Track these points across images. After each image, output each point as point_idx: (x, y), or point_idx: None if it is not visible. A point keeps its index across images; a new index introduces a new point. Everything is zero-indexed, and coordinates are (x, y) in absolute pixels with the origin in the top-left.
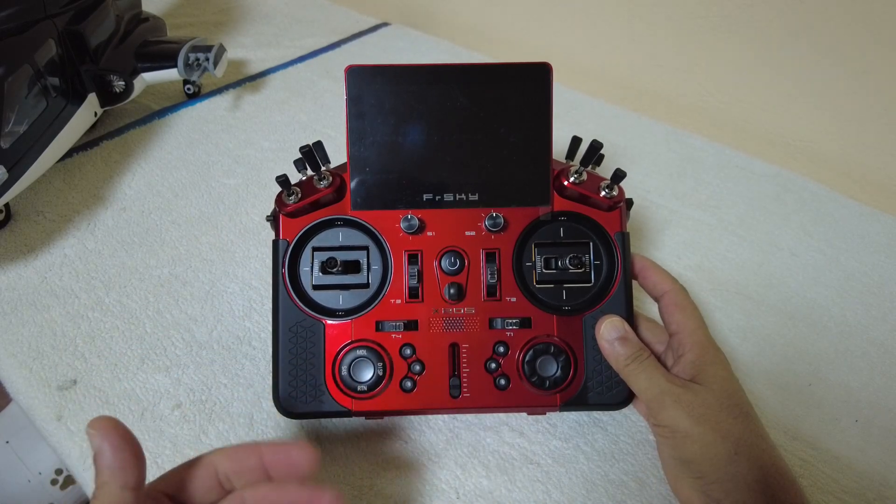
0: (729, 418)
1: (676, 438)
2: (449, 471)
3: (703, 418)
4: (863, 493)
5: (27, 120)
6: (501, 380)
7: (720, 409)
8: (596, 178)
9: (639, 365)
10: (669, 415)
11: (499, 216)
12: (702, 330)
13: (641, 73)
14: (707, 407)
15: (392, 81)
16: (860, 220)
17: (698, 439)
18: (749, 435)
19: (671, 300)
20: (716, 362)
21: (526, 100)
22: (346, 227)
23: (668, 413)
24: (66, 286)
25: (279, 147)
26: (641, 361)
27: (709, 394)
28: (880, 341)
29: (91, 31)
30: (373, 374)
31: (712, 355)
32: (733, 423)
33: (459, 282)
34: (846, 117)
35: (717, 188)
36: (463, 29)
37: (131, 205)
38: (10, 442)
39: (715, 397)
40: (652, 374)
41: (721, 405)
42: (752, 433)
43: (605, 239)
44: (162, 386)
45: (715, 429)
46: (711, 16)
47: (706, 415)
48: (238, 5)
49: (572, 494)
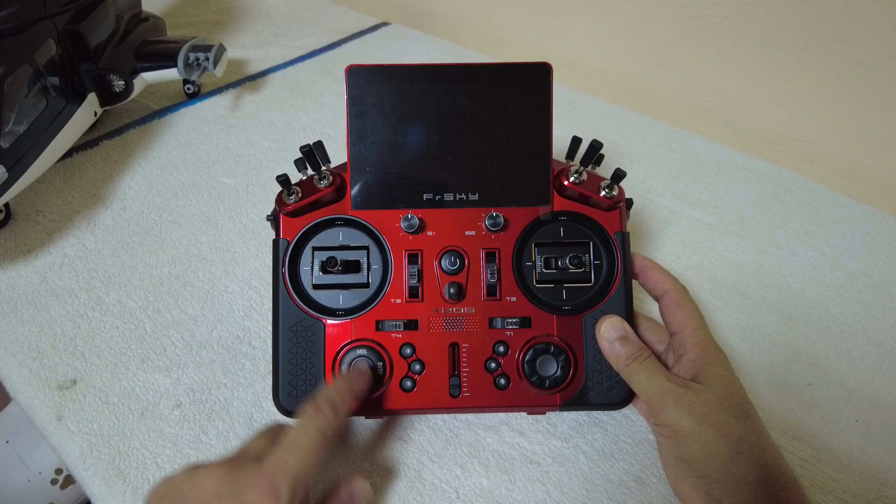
0: (730, 418)
1: (678, 438)
2: (449, 470)
3: (704, 417)
4: (863, 492)
5: (27, 119)
6: (501, 379)
7: (721, 408)
8: (596, 178)
9: (639, 364)
10: (671, 414)
11: (499, 216)
12: (702, 329)
13: (641, 72)
14: (708, 406)
15: (392, 81)
16: (860, 220)
17: (700, 438)
18: (751, 434)
19: (672, 299)
20: (717, 362)
21: (526, 99)
22: (346, 227)
23: (669, 412)
24: (66, 286)
25: (279, 147)
26: (642, 361)
27: (710, 393)
28: (880, 341)
29: (91, 31)
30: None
31: (713, 355)
32: (735, 423)
33: (459, 281)
34: (846, 117)
35: (717, 188)
36: (463, 28)
37: (131, 204)
38: (10, 441)
39: (716, 397)
40: (653, 373)
41: (722, 405)
42: (754, 433)
43: (605, 239)
44: (162, 386)
45: (716, 428)
46: (712, 15)
47: (708, 414)
48: (238, 5)
49: (572, 494)
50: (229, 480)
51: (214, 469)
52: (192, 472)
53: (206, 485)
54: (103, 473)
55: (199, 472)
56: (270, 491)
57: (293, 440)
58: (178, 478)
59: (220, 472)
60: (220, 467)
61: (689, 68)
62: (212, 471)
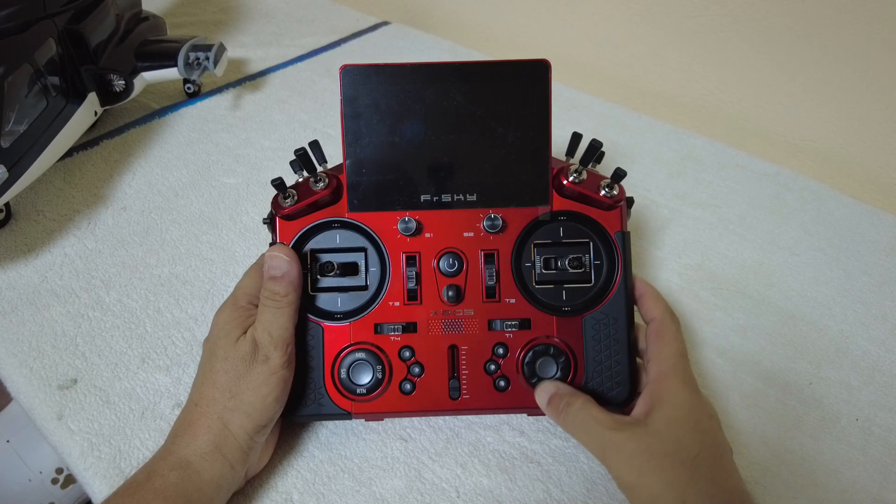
0: (675, 465)
1: (625, 490)
2: (449, 469)
3: (646, 468)
4: (863, 492)
5: (27, 119)
6: (501, 381)
7: (665, 455)
8: (596, 177)
9: (574, 415)
10: (613, 466)
11: (497, 217)
12: (671, 360)
13: (642, 71)
14: (650, 454)
15: (388, 81)
16: (861, 219)
17: (644, 490)
18: (700, 482)
19: (654, 329)
20: (671, 397)
21: (524, 98)
22: (343, 229)
23: (612, 464)
24: (67, 285)
25: (279, 146)
26: (576, 410)
27: (654, 439)
28: (881, 340)
29: (91, 31)
30: (372, 376)
31: (670, 388)
32: (680, 471)
33: (458, 283)
34: (847, 116)
35: (717, 187)
36: (462, 27)
37: (131, 204)
38: (11, 441)
39: (661, 442)
40: (588, 424)
41: (666, 451)
42: (704, 479)
43: (605, 238)
44: (162, 385)
45: (660, 478)
46: (712, 14)
47: (650, 463)
48: (238, 4)
49: (573, 493)
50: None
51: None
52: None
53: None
54: (104, 473)
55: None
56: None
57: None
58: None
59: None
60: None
61: (690, 67)
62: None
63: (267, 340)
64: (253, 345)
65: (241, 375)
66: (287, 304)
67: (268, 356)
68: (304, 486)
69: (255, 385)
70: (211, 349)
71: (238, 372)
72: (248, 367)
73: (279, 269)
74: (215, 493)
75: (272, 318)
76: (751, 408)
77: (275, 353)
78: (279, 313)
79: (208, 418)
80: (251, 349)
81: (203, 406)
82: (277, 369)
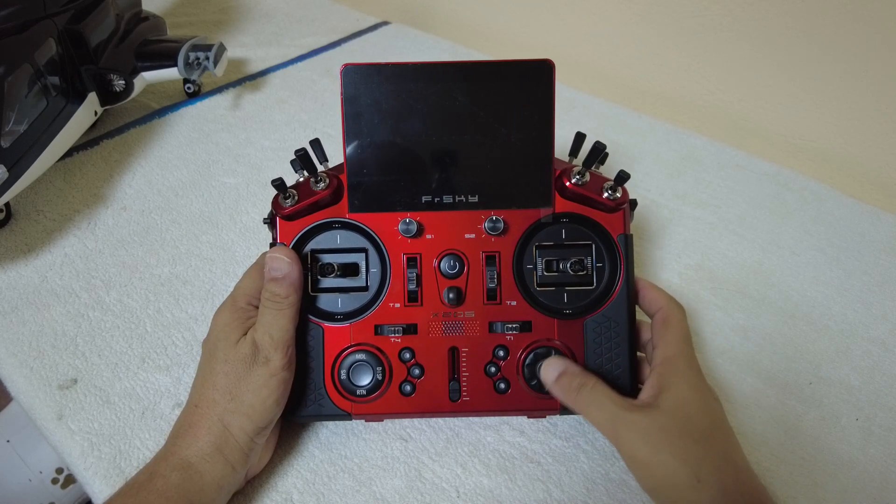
0: (688, 442)
1: (638, 468)
2: (449, 469)
3: (660, 445)
4: (863, 492)
5: (27, 119)
6: (501, 384)
7: (678, 433)
8: (599, 179)
9: (586, 394)
10: (626, 444)
11: (499, 219)
12: (677, 345)
13: (642, 71)
14: (664, 432)
15: (389, 80)
16: (861, 219)
17: (658, 467)
18: (713, 458)
19: (660, 316)
20: (681, 377)
21: (527, 98)
22: (343, 230)
23: (624, 442)
24: (67, 285)
25: (279, 146)
26: (588, 390)
27: (666, 417)
28: (881, 340)
29: (91, 31)
30: (372, 378)
31: (679, 370)
32: (693, 448)
33: (459, 285)
34: (847, 116)
35: (717, 187)
36: (463, 27)
37: (132, 204)
38: (11, 441)
39: (673, 421)
40: (602, 402)
41: (679, 429)
42: (717, 455)
43: (607, 241)
44: (162, 385)
45: (675, 455)
46: (712, 14)
47: (664, 441)
48: (238, 4)
49: (573, 493)
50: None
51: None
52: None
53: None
54: (104, 473)
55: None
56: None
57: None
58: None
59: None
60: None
61: (690, 67)
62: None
63: (267, 342)
64: (253, 347)
65: (241, 377)
66: (288, 305)
67: (268, 358)
68: (305, 486)
69: (255, 387)
70: (210, 351)
71: (238, 374)
72: (248, 369)
73: (280, 270)
74: (216, 493)
75: (273, 319)
76: (751, 408)
77: (275, 355)
78: (280, 315)
79: (209, 420)
80: (251, 351)
81: (203, 408)
82: (278, 371)
